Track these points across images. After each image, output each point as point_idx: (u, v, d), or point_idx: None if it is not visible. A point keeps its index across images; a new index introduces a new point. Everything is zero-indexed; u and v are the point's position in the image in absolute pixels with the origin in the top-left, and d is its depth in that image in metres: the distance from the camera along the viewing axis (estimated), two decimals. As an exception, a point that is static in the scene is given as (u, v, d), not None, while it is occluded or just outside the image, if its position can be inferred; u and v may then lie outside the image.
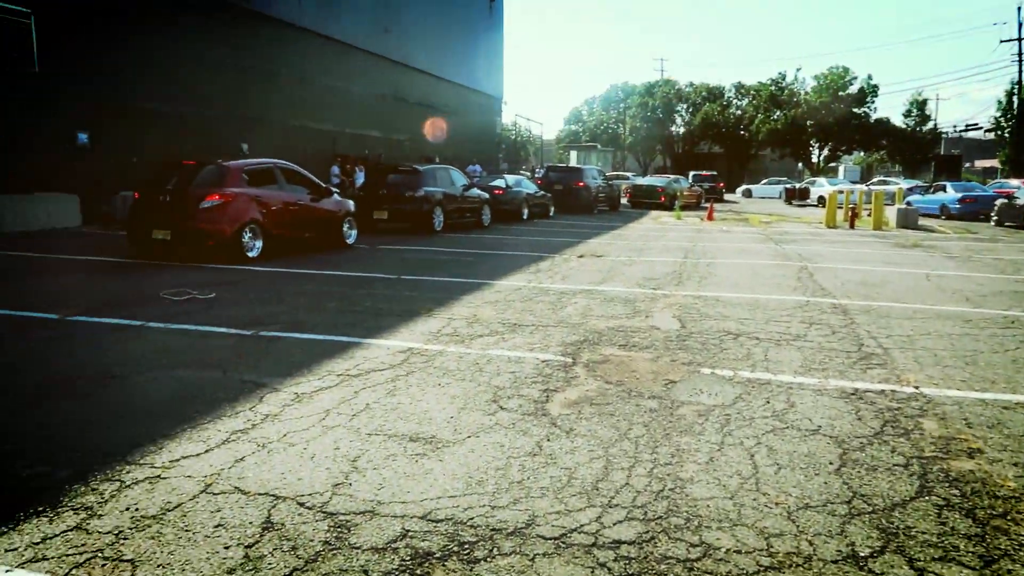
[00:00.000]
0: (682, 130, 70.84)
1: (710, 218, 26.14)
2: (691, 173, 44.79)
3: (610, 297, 8.85)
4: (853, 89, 61.03)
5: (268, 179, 12.16)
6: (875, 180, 45.34)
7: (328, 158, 25.55)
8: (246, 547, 2.89)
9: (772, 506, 3.33)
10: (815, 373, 5.54)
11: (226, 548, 2.88)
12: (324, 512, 3.20)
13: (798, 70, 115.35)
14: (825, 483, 3.58)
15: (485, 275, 10.54)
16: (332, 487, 3.45)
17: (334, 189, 14.32)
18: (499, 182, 23.25)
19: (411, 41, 33.19)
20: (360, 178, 22.95)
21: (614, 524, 3.14)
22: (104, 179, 17.83)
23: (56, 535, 2.95)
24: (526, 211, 22.96)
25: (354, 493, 3.39)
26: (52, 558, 2.78)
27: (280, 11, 24.50)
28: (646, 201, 32.94)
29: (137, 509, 3.18)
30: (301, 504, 3.26)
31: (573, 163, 46.05)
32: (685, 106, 69.89)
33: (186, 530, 3.02)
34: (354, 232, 14.05)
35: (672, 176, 38.38)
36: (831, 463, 3.83)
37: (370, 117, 30.31)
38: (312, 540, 2.96)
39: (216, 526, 3.06)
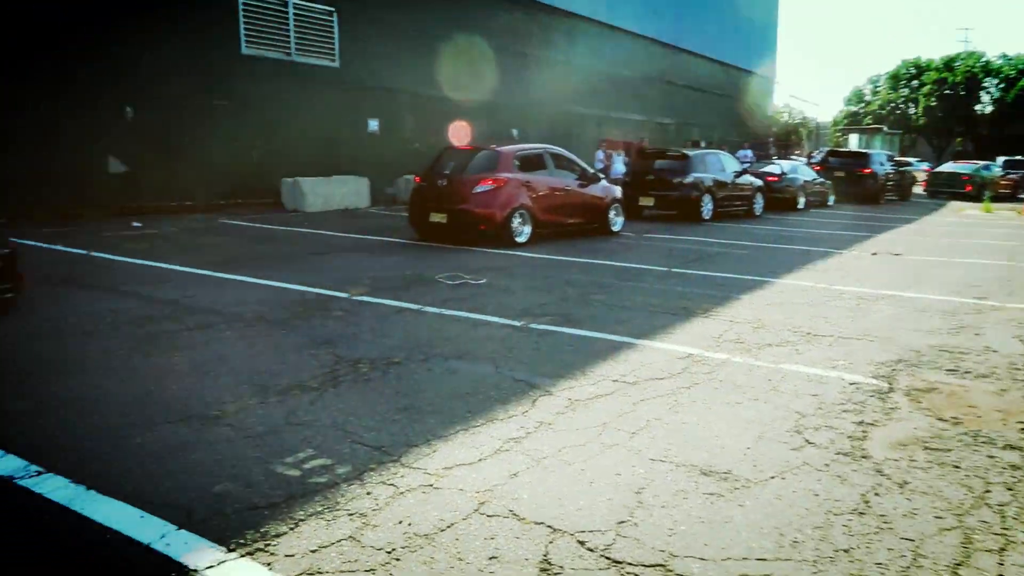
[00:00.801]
0: (988, 109, 61.42)
1: (1032, 211, 22.13)
2: (1000, 158, 38.51)
3: (922, 306, 7.49)
4: None
5: (538, 164, 12.13)
6: None
7: (593, 143, 25.45)
8: (523, 593, 2.52)
9: None
10: None
11: (501, 590, 2.54)
12: (608, 559, 2.74)
13: None
14: None
15: (764, 271, 9.55)
16: (615, 524, 2.98)
17: (601, 175, 14.01)
18: (773, 168, 21.55)
19: (680, 21, 32.04)
20: (619, 165, 22.41)
21: (997, 639, 2.32)
22: (390, 163, 19.21)
23: (331, 544, 2.80)
24: (802, 200, 21.04)
25: (641, 536, 2.90)
26: (326, 573, 2.61)
27: (554, -3, 24.77)
28: (946, 191, 28.85)
29: (410, 524, 2.95)
30: (582, 543, 2.83)
31: (853, 147, 41.82)
32: (995, 81, 60.44)
33: (459, 559, 2.72)
34: (620, 219, 13.63)
35: (980, 162, 33.21)
36: None
37: (636, 100, 29.75)
38: (597, 596, 2.51)
39: (490, 558, 2.73)
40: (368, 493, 3.20)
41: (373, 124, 19.43)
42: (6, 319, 6.05)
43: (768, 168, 21.49)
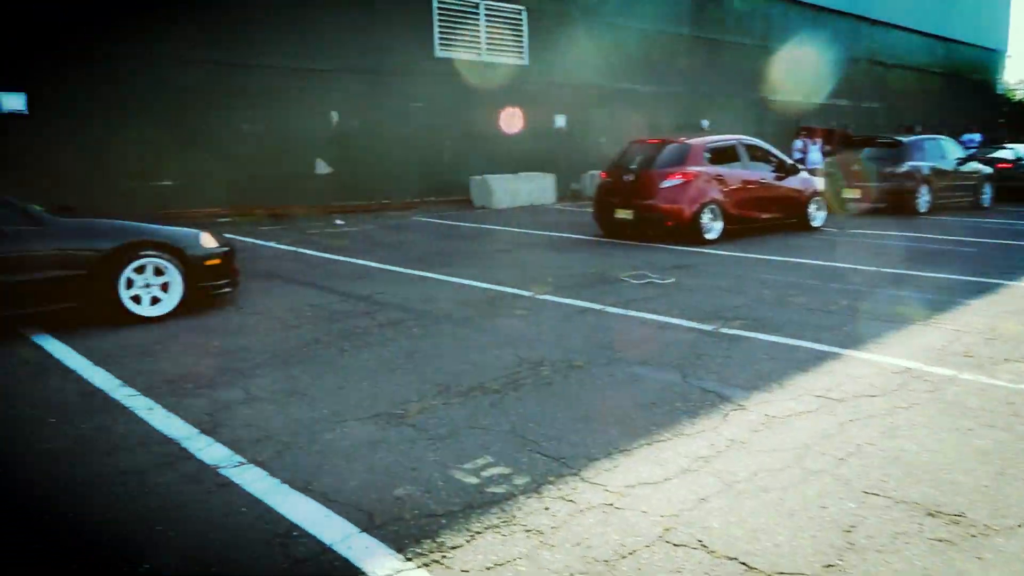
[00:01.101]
0: None
1: None
2: None
3: None
4: None
5: (730, 156, 11.49)
6: None
7: (790, 131, 23.90)
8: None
9: None
10: None
11: (688, 634, 2.29)
12: (814, 610, 2.40)
13: None
14: None
15: (996, 272, 8.38)
16: (821, 568, 2.62)
17: (800, 166, 13.05)
18: (1005, 153, 19.06)
19: (894, -7, 29.25)
20: (814, 154, 20.74)
21: None
22: (576, 159, 19.16)
23: (507, 562, 2.68)
24: (1042, 188, 18.41)
25: (853, 586, 2.52)
26: (501, 595, 2.49)
27: (749, -21, 23.51)
28: None
29: (589, 547, 2.77)
30: (782, 588, 2.51)
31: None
32: None
33: (641, 592, 2.50)
34: (822, 214, 12.61)
35: None
36: None
37: (839, 85, 27.56)
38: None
39: (676, 595, 2.48)
40: (546, 508, 3.06)
41: (560, 120, 19.47)
42: (222, 312, 6.59)
43: (999, 153, 19.05)
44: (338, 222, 13.61)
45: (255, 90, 14.16)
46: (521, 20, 18.41)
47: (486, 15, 17.76)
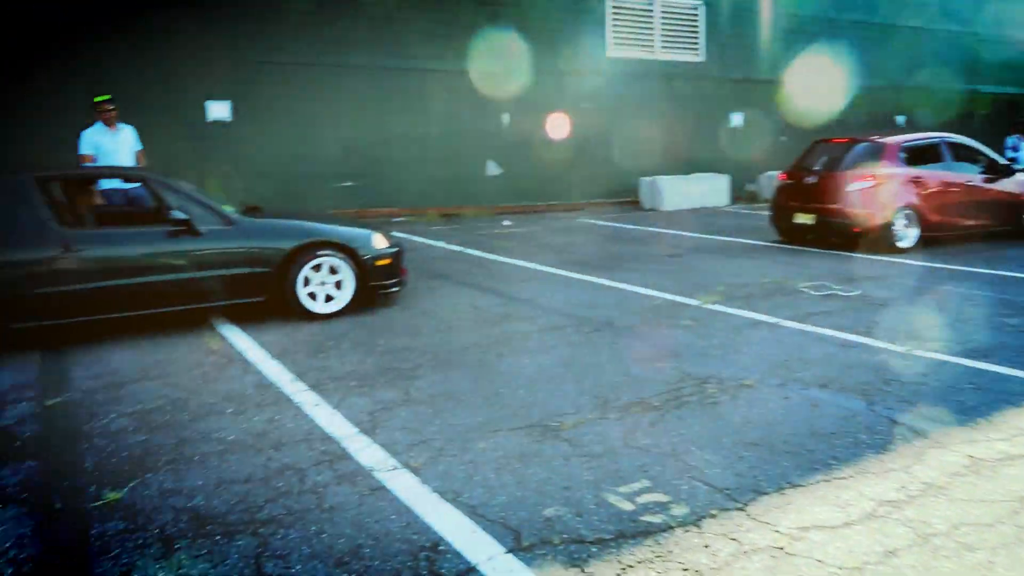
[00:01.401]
0: None
1: None
2: None
3: None
4: None
5: (931, 156, 10.38)
6: None
7: (1003, 127, 21.38)
8: None
9: None
10: None
11: None
12: None
13: None
14: None
15: None
16: (1043, 656, 2.18)
17: (1015, 166, 11.57)
18: None
19: None
20: (1024, 150, 18.24)
21: None
22: (752, 159, 18.22)
23: (660, 605, 2.46)
24: None
25: None
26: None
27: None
28: None
29: (754, 597, 2.49)
30: (991, 676, 2.11)
31: None
32: None
33: (814, 659, 2.19)
34: (1042, 221, 11.12)
35: None
36: None
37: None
38: None
39: (856, 668, 2.15)
40: (706, 546, 2.80)
41: (736, 118, 18.61)
42: (389, 311, 6.79)
43: None
44: (506, 223, 13.77)
45: (430, 93, 14.64)
46: (698, 15, 17.78)
47: (662, 12, 17.30)
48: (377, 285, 6.73)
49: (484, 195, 15.49)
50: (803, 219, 10.34)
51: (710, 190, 17.17)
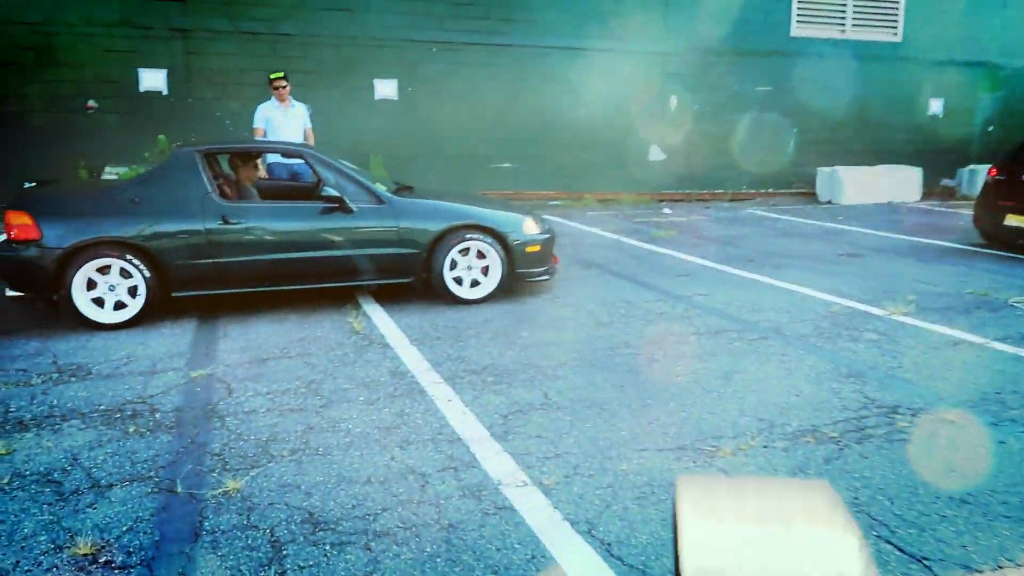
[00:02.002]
0: None
1: None
2: None
3: None
4: None
5: None
6: None
7: None
8: None
9: None
10: None
11: None
12: None
13: None
14: None
15: None
16: None
17: None
18: None
19: None
20: None
21: None
22: (952, 150, 16.29)
23: None
24: None
25: None
26: None
27: None
28: None
29: None
30: None
31: None
32: None
33: None
34: None
35: None
36: None
37: None
38: None
39: None
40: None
41: (935, 105, 16.67)
42: (535, 300, 6.45)
43: None
44: (666, 211, 13.07)
45: (592, 73, 14.13)
46: (898, -10, 16.02)
47: (854, -14, 15.73)
48: (525, 272, 6.41)
49: (645, 181, 14.82)
50: (1016, 221, 8.94)
51: (898, 183, 15.49)
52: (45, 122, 11.37)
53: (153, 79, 11.87)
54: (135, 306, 5.56)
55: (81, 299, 5.46)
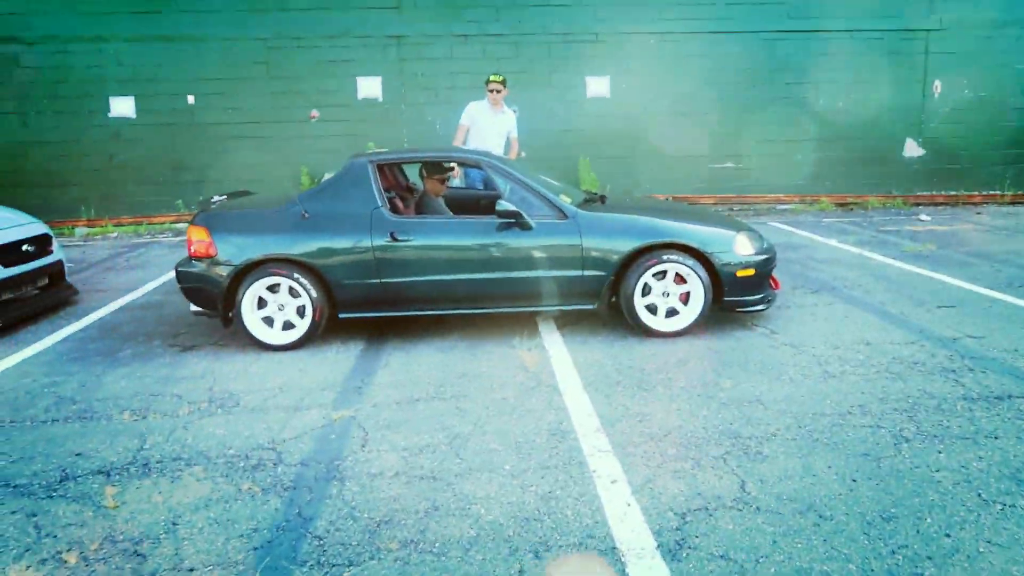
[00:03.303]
0: None
1: None
2: None
3: None
4: None
5: None
6: None
7: None
8: None
9: None
10: None
11: None
12: None
13: None
14: None
15: None
16: None
17: None
18: None
19: None
20: None
21: None
22: None
23: None
24: None
25: None
26: None
27: None
28: None
29: None
30: None
31: None
32: None
33: None
34: None
35: None
36: None
37: None
38: None
39: None
40: None
41: None
42: (748, 335, 5.31)
43: None
44: (923, 218, 10.97)
45: (835, 57, 12.27)
46: None
47: None
48: (735, 301, 5.30)
49: (896, 181, 12.65)
50: None
51: None
52: (273, 132, 11.97)
53: (370, 86, 12.06)
54: (302, 327, 5.27)
55: (250, 318, 5.25)
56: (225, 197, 6.03)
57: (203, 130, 11.91)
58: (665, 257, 5.18)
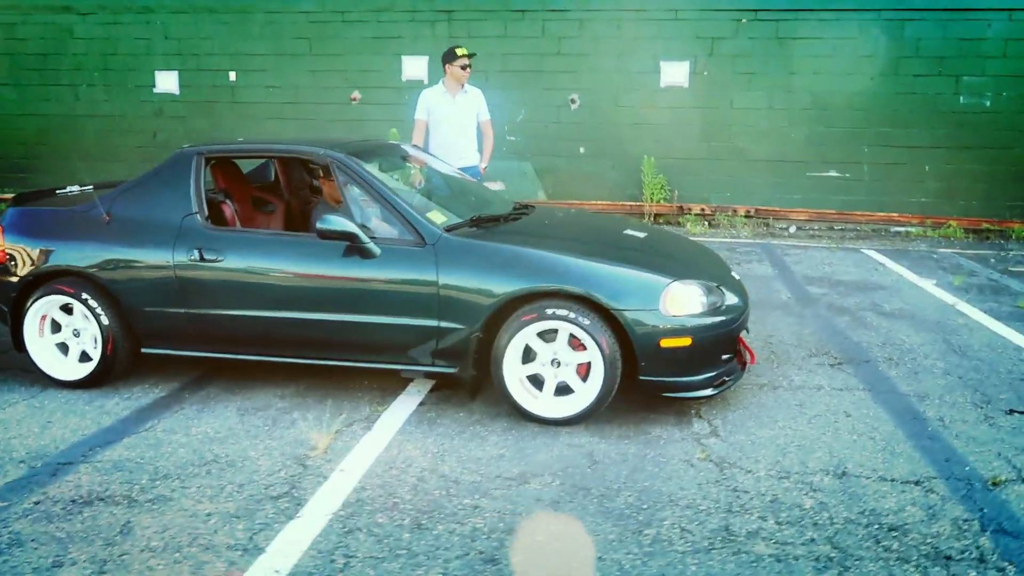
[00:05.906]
0: None
1: None
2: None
3: None
4: None
5: None
6: None
7: None
8: None
9: None
10: None
11: None
12: None
13: None
14: None
15: None
16: None
17: None
18: None
19: None
20: None
21: None
22: None
23: None
24: None
25: None
26: None
27: None
28: None
29: None
30: None
31: None
32: None
33: None
34: None
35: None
36: None
37: None
38: None
39: None
40: None
41: None
42: (685, 434, 3.57)
43: None
44: (1086, 256, 8.26)
45: (977, 46, 9.58)
46: None
47: None
48: (659, 383, 3.58)
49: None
50: None
51: None
52: (312, 114, 11.08)
53: (415, 67, 10.86)
54: (95, 362, 4.14)
55: (36, 344, 4.19)
56: (91, 187, 4.99)
57: (243, 108, 11.23)
58: (550, 311, 3.55)
